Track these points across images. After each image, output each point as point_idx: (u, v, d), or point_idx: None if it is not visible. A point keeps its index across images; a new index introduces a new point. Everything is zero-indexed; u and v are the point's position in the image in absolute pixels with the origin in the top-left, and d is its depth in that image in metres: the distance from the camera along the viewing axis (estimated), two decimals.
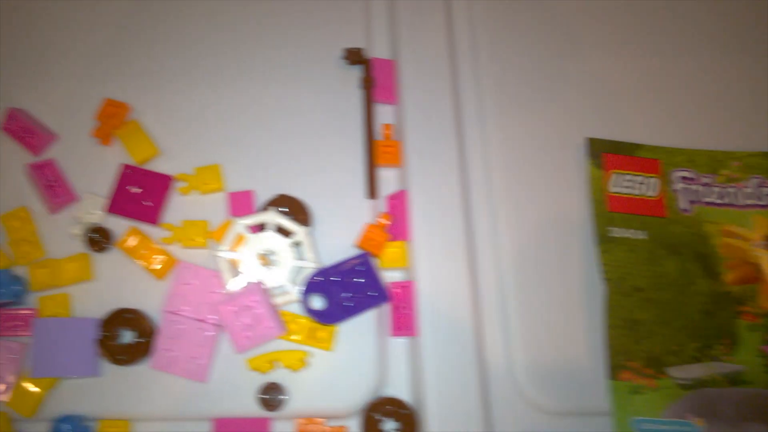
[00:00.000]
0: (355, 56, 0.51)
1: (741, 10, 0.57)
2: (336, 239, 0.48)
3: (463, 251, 0.47)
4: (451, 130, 0.50)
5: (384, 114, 0.52)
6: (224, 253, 0.45)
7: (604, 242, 0.48)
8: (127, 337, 0.45)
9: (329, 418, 0.45)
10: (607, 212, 0.49)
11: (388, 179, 0.50)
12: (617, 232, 0.48)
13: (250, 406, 0.45)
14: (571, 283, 0.48)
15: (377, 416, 0.44)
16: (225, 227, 0.47)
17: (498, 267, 0.48)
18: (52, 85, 0.51)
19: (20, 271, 0.47)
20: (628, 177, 0.50)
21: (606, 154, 0.50)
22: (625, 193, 0.50)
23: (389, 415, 0.44)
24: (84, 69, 0.52)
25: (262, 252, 0.46)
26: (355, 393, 0.45)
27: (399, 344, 0.47)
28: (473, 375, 0.45)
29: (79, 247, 0.47)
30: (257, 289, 0.44)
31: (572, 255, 0.49)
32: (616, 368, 0.45)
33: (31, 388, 0.44)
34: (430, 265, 0.47)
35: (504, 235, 0.49)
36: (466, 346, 0.45)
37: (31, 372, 0.44)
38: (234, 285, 0.45)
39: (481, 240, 0.49)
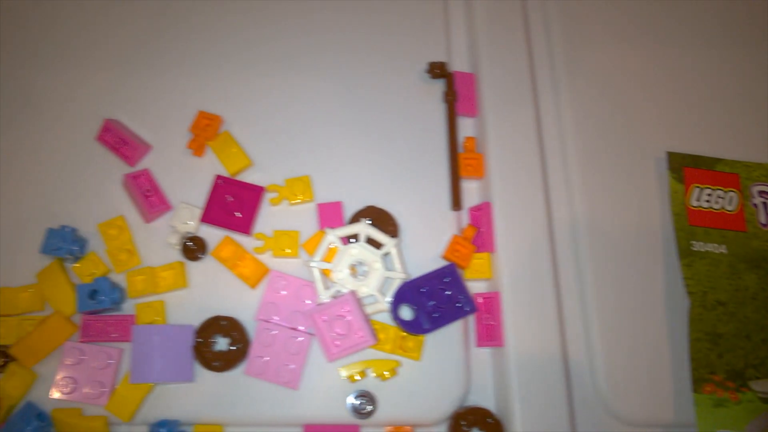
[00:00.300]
0: (438, 70, 0.52)
1: None
2: (422, 250, 0.49)
3: (547, 262, 0.48)
4: (533, 143, 0.51)
5: (465, 127, 0.53)
6: (317, 263, 0.47)
7: (687, 256, 0.49)
8: (221, 344, 0.47)
9: (417, 426, 0.46)
10: (688, 226, 0.50)
11: (471, 191, 0.52)
12: (699, 246, 0.49)
13: (340, 413, 0.46)
14: (653, 295, 0.49)
15: (464, 425, 0.46)
16: (316, 238, 0.48)
17: (581, 278, 0.49)
18: (146, 98, 0.53)
19: (118, 278, 0.48)
20: (707, 191, 0.51)
21: (686, 168, 0.51)
22: (706, 207, 0.50)
23: (475, 424, 0.46)
24: (178, 82, 0.53)
25: (353, 263, 0.47)
26: (442, 402, 0.46)
27: (483, 354, 0.49)
28: (558, 385, 0.46)
29: (174, 255, 0.49)
30: (350, 298, 0.45)
31: (654, 267, 0.49)
32: (699, 381, 0.46)
33: (129, 393, 0.46)
34: (514, 276, 0.48)
35: (586, 246, 0.50)
36: (550, 357, 0.46)
37: (129, 378, 0.46)
38: (326, 295, 0.47)
39: (564, 251, 0.50)
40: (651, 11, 0.58)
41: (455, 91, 0.52)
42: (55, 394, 0.45)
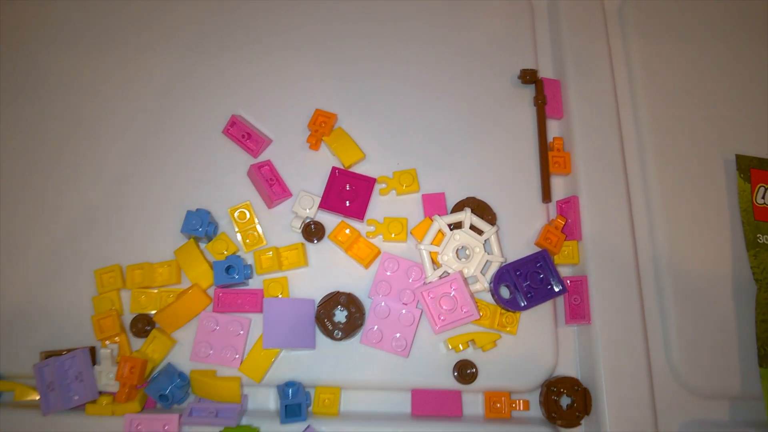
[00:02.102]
0: (529, 76, 0.58)
1: None
2: (516, 238, 0.55)
3: (628, 251, 0.54)
4: (614, 142, 0.57)
5: (552, 127, 0.59)
6: (426, 247, 0.53)
7: (753, 247, 0.54)
8: (340, 316, 0.52)
9: (513, 392, 0.52)
10: (755, 221, 0.55)
11: (558, 186, 0.57)
12: (764, 239, 0.55)
13: (444, 380, 0.52)
14: (722, 281, 0.55)
15: (555, 391, 0.51)
16: (424, 224, 0.54)
17: (658, 264, 0.55)
18: (268, 96, 0.59)
19: (246, 257, 0.54)
20: None
21: (753, 169, 0.57)
22: None
23: (565, 391, 0.51)
24: (297, 83, 0.59)
25: (457, 247, 0.53)
26: (535, 371, 0.52)
27: (570, 331, 0.54)
28: (638, 359, 0.51)
29: (295, 237, 0.55)
30: (457, 277, 0.51)
31: (723, 257, 0.55)
32: (764, 357, 0.52)
33: (260, 357, 0.52)
34: (599, 262, 0.53)
35: (662, 235, 0.56)
36: (631, 334, 0.52)
37: (262, 344, 0.51)
38: (433, 275, 0.52)
39: (643, 239, 0.55)
40: (720, 16, 0.64)
41: (544, 95, 0.58)
42: (193, 357, 0.52)
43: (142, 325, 0.52)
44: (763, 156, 0.57)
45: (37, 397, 0.51)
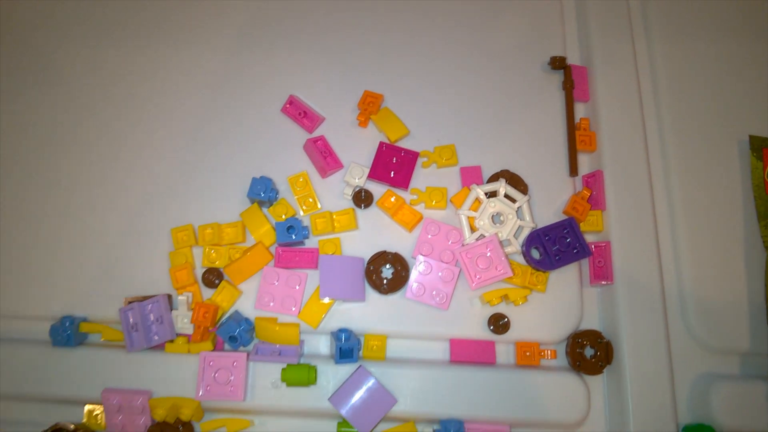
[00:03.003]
0: (558, 62, 0.64)
1: None
2: (545, 207, 0.61)
3: (648, 219, 0.59)
4: (636, 122, 0.62)
5: (579, 109, 0.65)
6: (465, 212, 0.59)
7: (764, 218, 0.59)
8: (387, 272, 0.59)
9: (542, 343, 0.58)
10: (766, 195, 0.60)
11: (584, 162, 0.63)
12: None
13: (480, 331, 0.58)
14: (735, 248, 0.60)
15: (580, 342, 0.57)
16: (463, 193, 0.60)
17: (676, 231, 0.60)
18: (322, 78, 0.66)
19: (304, 221, 0.61)
20: None
21: (765, 148, 0.62)
22: None
23: (589, 343, 0.57)
24: (348, 66, 0.66)
25: (492, 213, 0.59)
26: (562, 325, 0.58)
27: (594, 291, 0.60)
28: (656, 315, 0.57)
29: (346, 203, 0.61)
30: (493, 239, 0.57)
31: (736, 227, 0.60)
32: None
33: (316, 307, 0.58)
34: (621, 230, 0.59)
35: (679, 207, 0.61)
36: (650, 292, 0.57)
37: (319, 295, 0.58)
38: (471, 237, 0.58)
39: (662, 209, 0.61)
40: (734, 9, 0.69)
41: (572, 79, 0.64)
42: (257, 306, 0.58)
43: (212, 278, 0.59)
44: None
45: (122, 338, 0.58)
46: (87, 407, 0.56)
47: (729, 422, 0.54)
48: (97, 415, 0.56)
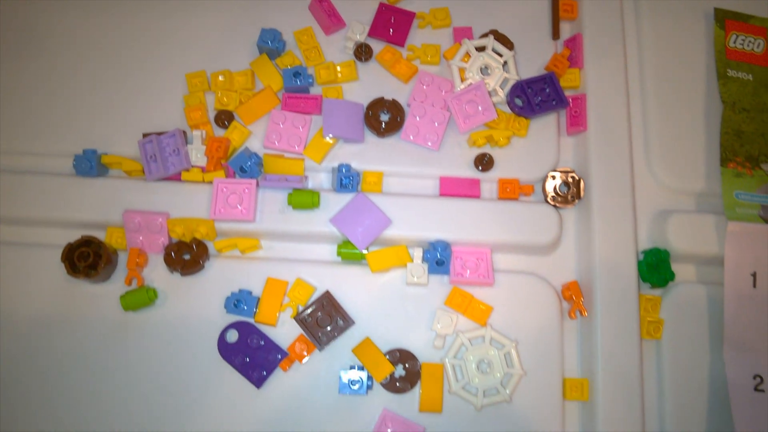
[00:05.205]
0: None
1: None
2: (529, 62, 0.67)
3: (621, 74, 0.65)
4: None
5: None
6: (456, 63, 0.65)
7: (723, 78, 0.66)
8: (384, 117, 0.65)
9: (521, 180, 0.64)
10: (726, 59, 0.67)
11: (566, 29, 0.69)
12: (732, 73, 0.67)
13: (467, 169, 0.64)
14: (697, 101, 0.67)
15: (554, 177, 0.63)
16: (455, 48, 0.66)
17: (644, 86, 0.67)
18: None
19: (308, 70, 0.67)
20: (741, 37, 0.68)
21: (727, 19, 0.68)
22: (739, 48, 0.68)
23: (563, 178, 0.64)
24: None
25: (481, 66, 0.65)
26: (539, 166, 0.64)
27: (570, 141, 0.67)
28: (622, 158, 0.63)
29: (348, 56, 0.67)
30: (480, 85, 0.63)
31: (699, 85, 0.68)
32: (725, 160, 0.64)
33: (319, 145, 0.64)
34: (596, 84, 0.65)
35: (650, 66, 0.68)
36: (618, 139, 0.64)
37: (322, 132, 0.64)
38: (461, 86, 0.65)
39: (632, 67, 0.68)
40: None
41: None
42: (265, 144, 0.64)
43: (224, 119, 0.65)
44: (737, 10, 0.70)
45: (140, 168, 0.64)
46: (108, 229, 0.62)
47: (683, 247, 0.62)
48: (117, 236, 0.62)
